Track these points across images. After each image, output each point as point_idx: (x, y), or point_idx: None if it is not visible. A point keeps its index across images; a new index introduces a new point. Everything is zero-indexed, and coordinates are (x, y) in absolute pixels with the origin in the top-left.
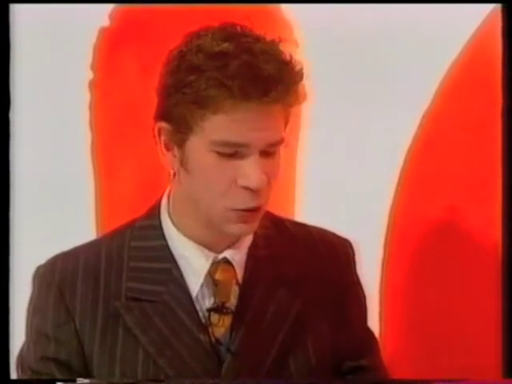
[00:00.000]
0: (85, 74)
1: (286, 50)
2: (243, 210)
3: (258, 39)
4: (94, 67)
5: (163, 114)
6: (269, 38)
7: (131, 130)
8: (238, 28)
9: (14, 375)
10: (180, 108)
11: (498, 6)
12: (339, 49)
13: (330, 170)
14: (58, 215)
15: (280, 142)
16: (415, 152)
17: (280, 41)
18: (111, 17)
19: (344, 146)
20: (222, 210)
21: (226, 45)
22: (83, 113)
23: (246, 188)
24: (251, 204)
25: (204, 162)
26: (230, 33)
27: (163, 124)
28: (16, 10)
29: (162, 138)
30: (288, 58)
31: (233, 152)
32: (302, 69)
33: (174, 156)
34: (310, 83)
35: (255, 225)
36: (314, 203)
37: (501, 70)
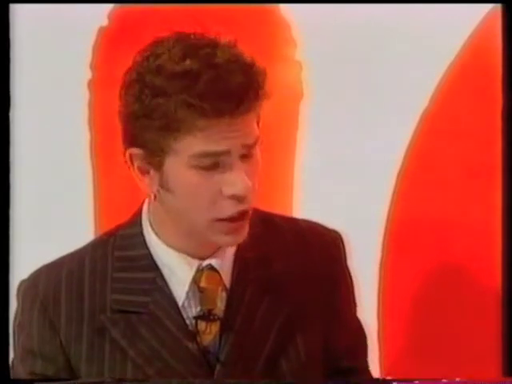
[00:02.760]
0: (84, 73)
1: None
2: (231, 219)
3: (214, 45)
4: (93, 67)
5: (132, 140)
6: (224, 38)
7: None
8: (192, 36)
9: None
10: (150, 133)
11: (496, 6)
12: (337, 48)
13: (328, 169)
14: (58, 214)
15: (256, 141)
16: (414, 151)
17: (236, 43)
18: (110, 17)
19: (342, 146)
20: (209, 222)
21: (187, 62)
22: (82, 112)
23: (233, 196)
24: (238, 209)
25: (186, 180)
26: (186, 46)
27: (134, 150)
28: (16, 9)
29: (136, 163)
30: (249, 59)
31: (213, 163)
32: (264, 67)
33: (151, 179)
34: (308, 83)
35: (245, 232)
36: (312, 203)
37: (500, 70)
